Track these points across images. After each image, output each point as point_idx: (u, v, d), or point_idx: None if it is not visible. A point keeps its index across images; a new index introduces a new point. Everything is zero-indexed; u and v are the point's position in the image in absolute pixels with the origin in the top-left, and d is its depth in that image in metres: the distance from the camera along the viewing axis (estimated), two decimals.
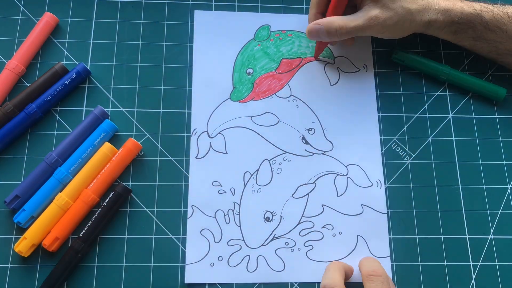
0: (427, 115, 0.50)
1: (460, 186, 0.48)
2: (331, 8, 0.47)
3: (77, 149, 0.46)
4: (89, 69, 0.49)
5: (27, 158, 0.46)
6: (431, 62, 0.51)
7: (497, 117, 0.51)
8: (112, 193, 0.44)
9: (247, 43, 0.52)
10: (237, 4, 0.53)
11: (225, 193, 0.46)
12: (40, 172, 0.45)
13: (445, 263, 0.45)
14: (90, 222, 0.43)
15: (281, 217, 0.46)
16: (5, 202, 0.44)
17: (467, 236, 0.46)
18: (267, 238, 0.45)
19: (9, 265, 0.43)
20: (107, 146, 0.46)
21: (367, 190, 0.47)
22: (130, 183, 0.46)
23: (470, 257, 0.46)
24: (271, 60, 0.51)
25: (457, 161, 0.49)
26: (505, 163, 0.49)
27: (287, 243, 0.45)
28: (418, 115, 0.50)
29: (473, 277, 0.45)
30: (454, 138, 0.50)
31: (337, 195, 0.47)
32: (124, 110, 0.48)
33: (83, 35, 0.51)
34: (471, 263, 0.46)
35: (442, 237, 0.46)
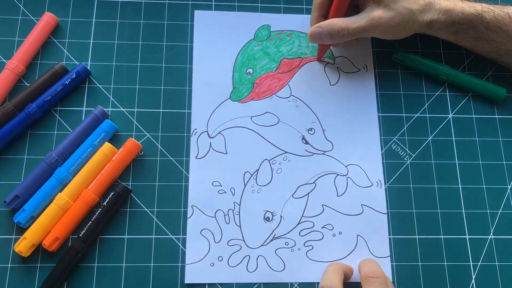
0: (427, 115, 0.50)
1: (460, 186, 0.48)
2: (333, 10, 0.47)
3: (77, 149, 0.46)
4: (89, 69, 0.49)
5: (27, 158, 0.46)
6: (431, 62, 0.51)
7: (497, 117, 0.51)
8: (112, 193, 0.44)
9: (247, 43, 0.52)
10: (237, 4, 0.53)
11: (225, 193, 0.46)
12: (40, 172, 0.45)
13: (445, 263, 0.45)
14: (90, 222, 0.43)
15: (281, 217, 0.46)
16: (5, 202, 0.44)
17: (467, 236, 0.46)
18: (267, 238, 0.45)
19: (9, 265, 0.43)
20: (107, 146, 0.46)
21: (367, 190, 0.47)
22: (130, 183, 0.46)
23: (470, 257, 0.46)
24: (271, 60, 0.51)
25: (457, 161, 0.49)
26: (505, 163, 0.49)
27: (287, 243, 0.45)
28: (418, 115, 0.50)
29: (473, 277, 0.45)
30: (454, 138, 0.50)
31: (337, 195, 0.47)
32: (124, 110, 0.48)
33: (83, 35, 0.51)
34: (471, 263, 0.46)
35: (442, 237, 0.46)
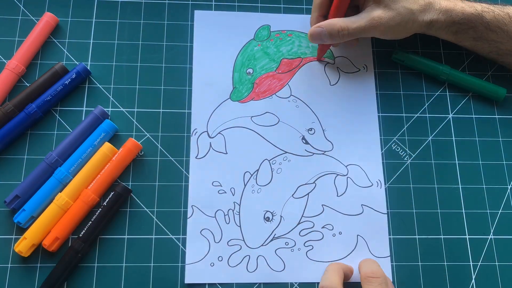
0: (427, 115, 0.50)
1: (460, 186, 0.48)
2: (333, 10, 0.47)
3: (77, 149, 0.46)
4: (89, 69, 0.49)
5: (27, 158, 0.46)
6: (431, 62, 0.51)
7: (497, 117, 0.51)
8: (112, 193, 0.44)
9: (247, 43, 0.52)
10: (237, 4, 0.53)
11: (225, 193, 0.46)
12: (40, 172, 0.45)
13: (445, 263, 0.45)
14: (90, 222, 0.43)
15: (281, 217, 0.46)
16: (5, 202, 0.44)
17: (467, 236, 0.46)
18: (267, 238, 0.45)
19: (9, 265, 0.43)
20: (107, 146, 0.46)
21: (367, 190, 0.47)
22: (130, 183, 0.46)
23: (470, 257, 0.46)
24: (271, 60, 0.51)
25: (457, 161, 0.49)
26: (505, 163, 0.49)
27: (287, 243, 0.45)
28: (418, 115, 0.50)
29: (473, 277, 0.45)
30: (454, 138, 0.50)
31: (337, 195, 0.47)
32: (124, 110, 0.48)
33: (83, 35, 0.51)
34: (471, 263, 0.46)
35: (442, 237, 0.46)
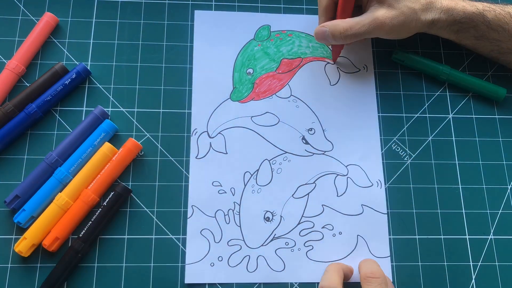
0: (427, 115, 0.50)
1: (460, 186, 0.48)
2: (339, 13, 0.47)
3: (77, 149, 0.46)
4: (89, 69, 0.49)
5: (27, 158, 0.46)
6: (431, 62, 0.51)
7: (497, 117, 0.51)
8: (112, 193, 0.44)
9: (247, 43, 0.52)
10: (237, 4, 0.53)
11: (225, 193, 0.46)
12: (40, 172, 0.45)
13: (445, 263, 0.45)
14: (90, 222, 0.43)
15: (281, 217, 0.46)
16: (5, 202, 0.44)
17: (467, 236, 0.46)
18: (267, 238, 0.45)
19: (9, 265, 0.43)
20: (107, 146, 0.46)
21: (367, 190, 0.47)
22: (130, 183, 0.46)
23: (470, 257, 0.46)
24: (271, 60, 0.51)
25: (457, 161, 0.49)
26: (505, 163, 0.49)
27: (287, 243, 0.45)
28: (418, 115, 0.50)
29: (473, 277, 0.45)
30: (454, 138, 0.50)
31: (337, 195, 0.47)
32: (124, 110, 0.48)
33: (83, 35, 0.51)
34: (471, 263, 0.46)
35: (442, 237, 0.46)
